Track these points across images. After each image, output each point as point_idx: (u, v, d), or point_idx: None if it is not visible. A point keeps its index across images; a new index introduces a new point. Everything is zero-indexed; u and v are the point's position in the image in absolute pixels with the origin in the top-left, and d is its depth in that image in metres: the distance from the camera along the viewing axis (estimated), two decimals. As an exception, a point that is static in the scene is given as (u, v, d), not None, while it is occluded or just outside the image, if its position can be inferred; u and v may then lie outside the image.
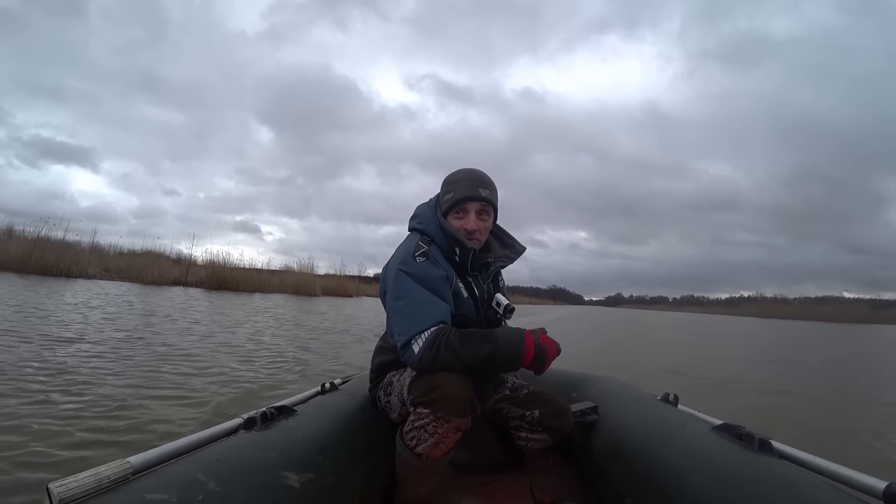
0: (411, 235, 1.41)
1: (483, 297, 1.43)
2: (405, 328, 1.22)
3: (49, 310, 6.66)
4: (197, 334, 5.96)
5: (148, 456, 0.86)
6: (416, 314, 1.22)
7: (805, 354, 10.69)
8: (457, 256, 1.36)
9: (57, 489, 0.68)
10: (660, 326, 19.86)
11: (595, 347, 9.14)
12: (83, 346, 4.43)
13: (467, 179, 1.38)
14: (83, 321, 5.94)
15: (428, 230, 1.38)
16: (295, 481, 0.91)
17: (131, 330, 5.69)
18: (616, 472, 1.27)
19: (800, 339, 17.46)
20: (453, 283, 1.34)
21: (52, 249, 14.83)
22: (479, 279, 1.43)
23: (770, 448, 1.04)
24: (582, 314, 31.99)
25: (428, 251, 1.31)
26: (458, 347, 1.17)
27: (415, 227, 1.41)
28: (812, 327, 31.24)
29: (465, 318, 1.36)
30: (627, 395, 1.68)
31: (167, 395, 3.15)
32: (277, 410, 1.15)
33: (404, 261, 1.29)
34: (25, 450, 2.05)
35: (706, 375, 6.06)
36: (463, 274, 1.39)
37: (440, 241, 1.36)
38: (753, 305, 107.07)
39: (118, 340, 4.87)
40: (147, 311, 8.12)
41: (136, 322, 6.52)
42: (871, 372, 7.94)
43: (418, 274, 1.27)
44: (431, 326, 1.20)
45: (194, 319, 7.57)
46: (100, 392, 3.02)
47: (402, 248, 1.36)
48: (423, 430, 1.20)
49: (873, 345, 16.51)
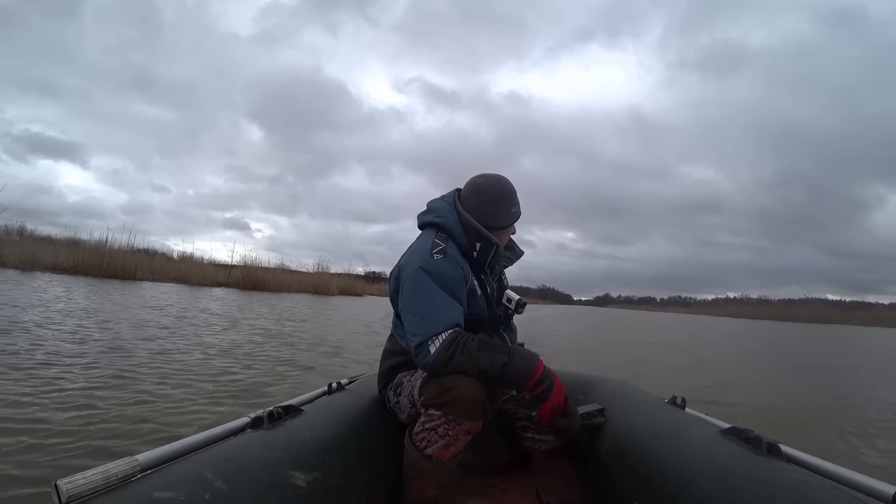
0: (426, 232, 1.39)
1: (493, 294, 1.43)
2: (421, 328, 1.21)
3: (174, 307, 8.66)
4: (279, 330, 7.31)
5: (156, 454, 0.87)
6: (432, 315, 1.21)
7: (771, 350, 12.25)
8: (475, 252, 1.36)
9: (65, 486, 0.68)
10: (638, 327, 20.71)
11: (594, 351, 9.26)
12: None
13: (516, 200, 1.43)
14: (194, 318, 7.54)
15: (447, 224, 1.36)
16: (301, 481, 0.91)
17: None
18: (622, 474, 1.26)
19: (767, 337, 18.89)
20: (469, 282, 1.34)
21: (119, 256, 16.79)
22: (489, 277, 1.44)
23: (779, 452, 1.02)
24: (574, 314, 33.27)
25: (445, 248, 1.30)
26: (475, 353, 1.16)
27: (432, 220, 1.39)
28: (783, 327, 33.88)
29: (478, 315, 1.36)
30: (635, 398, 1.67)
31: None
32: (284, 410, 1.15)
33: (424, 259, 1.28)
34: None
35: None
36: (478, 271, 1.39)
37: (459, 235, 1.36)
38: (733, 307, 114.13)
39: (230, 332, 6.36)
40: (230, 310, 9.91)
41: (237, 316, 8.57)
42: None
43: (436, 272, 1.26)
44: (447, 329, 1.19)
45: (258, 314, 9.54)
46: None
47: (418, 245, 1.35)
48: (434, 432, 1.20)
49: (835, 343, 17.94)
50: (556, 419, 1.24)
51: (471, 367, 1.16)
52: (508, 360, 1.17)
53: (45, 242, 17.95)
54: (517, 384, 1.21)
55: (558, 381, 1.22)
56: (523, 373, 1.18)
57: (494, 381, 1.19)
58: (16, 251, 14.80)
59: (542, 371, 1.19)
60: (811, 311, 79.45)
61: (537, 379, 1.18)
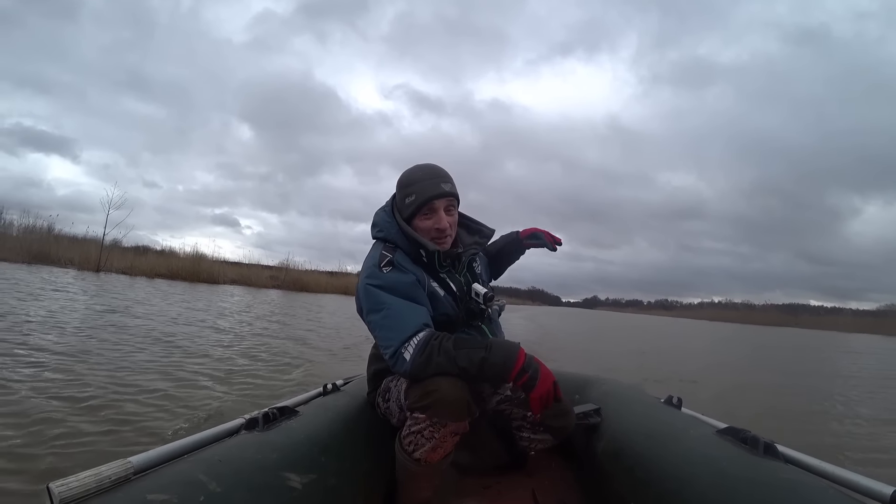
0: (375, 245, 1.36)
1: (462, 290, 1.39)
2: (390, 339, 1.18)
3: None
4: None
5: (149, 456, 0.86)
6: (397, 323, 1.18)
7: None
8: (424, 258, 1.32)
9: (58, 489, 0.67)
10: (626, 328, 23.24)
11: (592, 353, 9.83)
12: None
13: (427, 177, 1.33)
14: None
15: (389, 237, 1.33)
16: (297, 482, 0.90)
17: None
18: (619, 475, 1.26)
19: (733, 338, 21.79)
20: (426, 286, 1.31)
21: (207, 263, 20.55)
22: (453, 273, 1.39)
23: (775, 452, 1.02)
24: (566, 316, 35.75)
25: (393, 259, 1.27)
26: (451, 351, 1.13)
27: (376, 235, 1.37)
28: (749, 329, 41.09)
29: (448, 316, 1.33)
30: (631, 398, 1.67)
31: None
32: (279, 411, 1.15)
33: (371, 274, 1.25)
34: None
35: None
36: (434, 273, 1.35)
37: (404, 245, 1.32)
38: (717, 310, 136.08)
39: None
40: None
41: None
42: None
43: (388, 284, 1.23)
44: (417, 331, 1.16)
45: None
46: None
47: (367, 261, 1.32)
48: (420, 436, 1.19)
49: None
50: (547, 407, 1.17)
51: (450, 366, 1.13)
52: (486, 354, 1.13)
53: (141, 252, 21.60)
54: (499, 377, 1.16)
55: (543, 367, 1.16)
56: (503, 364, 1.13)
57: (476, 378, 1.15)
58: (122, 259, 18.34)
59: (524, 360, 1.14)
60: (769, 316, 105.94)
61: (519, 368, 1.13)
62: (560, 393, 1.19)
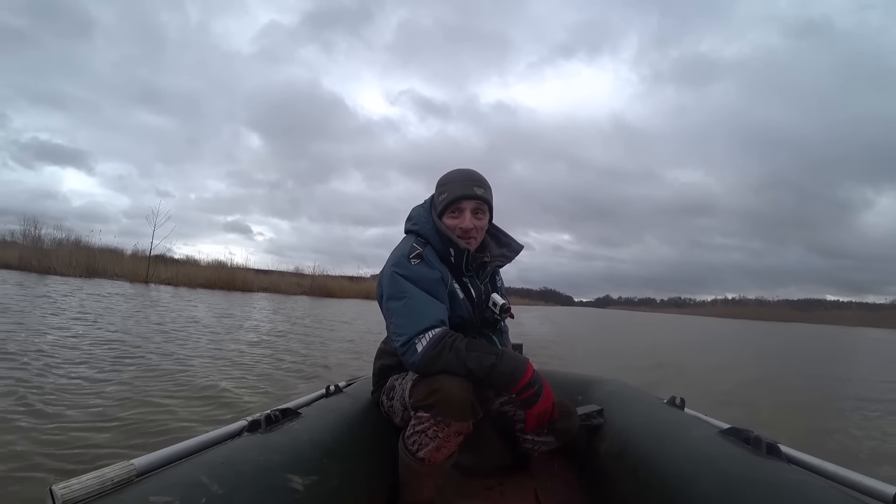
0: (406, 238, 1.40)
1: (480, 297, 1.41)
2: (406, 328, 1.20)
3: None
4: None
5: (151, 458, 0.86)
6: (415, 314, 1.21)
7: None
8: (452, 257, 1.35)
9: (60, 491, 0.68)
10: (645, 328, 23.45)
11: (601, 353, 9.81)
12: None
13: (461, 179, 1.38)
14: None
15: (423, 231, 1.37)
16: (299, 484, 0.90)
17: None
18: (621, 475, 1.26)
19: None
20: (448, 285, 1.33)
21: (241, 273, 22.21)
22: (475, 279, 1.42)
23: (778, 452, 1.02)
24: (580, 316, 36.82)
25: (422, 253, 1.30)
26: (463, 352, 1.16)
27: (410, 228, 1.41)
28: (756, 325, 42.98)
29: (462, 318, 1.35)
30: (633, 398, 1.67)
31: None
32: (282, 413, 1.15)
33: (398, 263, 1.28)
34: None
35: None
36: (459, 275, 1.38)
37: (435, 242, 1.35)
38: (730, 307, 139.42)
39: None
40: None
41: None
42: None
43: (413, 276, 1.26)
44: (434, 326, 1.19)
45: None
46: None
47: (396, 251, 1.35)
48: (424, 435, 1.19)
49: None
50: (542, 426, 1.23)
51: (458, 366, 1.15)
52: (497, 361, 1.16)
53: (190, 264, 23.27)
54: (505, 386, 1.20)
55: (548, 387, 1.21)
56: (511, 374, 1.17)
57: (482, 382, 1.18)
58: (165, 271, 19.49)
59: (531, 376, 1.18)
60: (781, 312, 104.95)
61: (525, 383, 1.17)
62: (556, 415, 1.24)
